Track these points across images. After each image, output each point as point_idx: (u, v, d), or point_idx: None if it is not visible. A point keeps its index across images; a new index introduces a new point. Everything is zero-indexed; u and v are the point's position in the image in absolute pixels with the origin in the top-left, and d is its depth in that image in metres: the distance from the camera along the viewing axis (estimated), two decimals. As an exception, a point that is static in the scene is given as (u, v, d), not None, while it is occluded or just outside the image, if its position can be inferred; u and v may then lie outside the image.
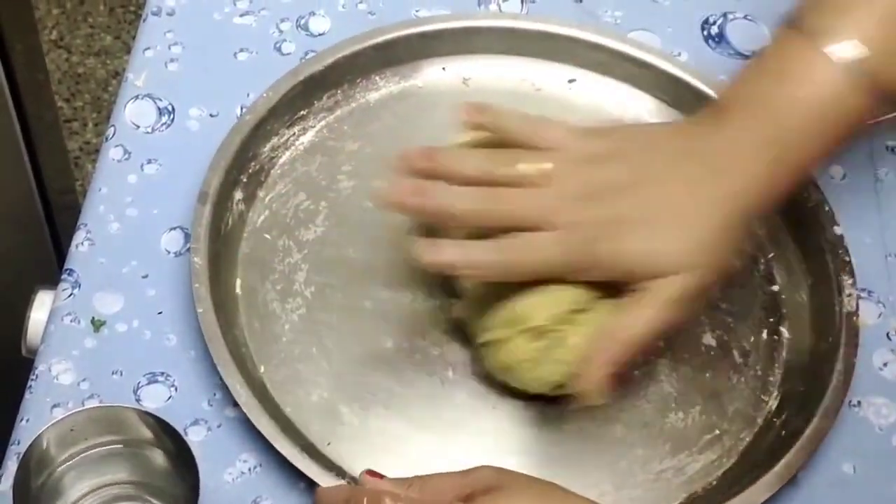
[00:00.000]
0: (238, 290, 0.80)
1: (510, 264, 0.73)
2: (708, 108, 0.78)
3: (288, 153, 0.86)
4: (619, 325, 0.72)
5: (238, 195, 0.82)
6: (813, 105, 0.73)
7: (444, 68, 0.90)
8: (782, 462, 0.73)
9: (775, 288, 0.82)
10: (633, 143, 0.76)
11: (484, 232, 0.74)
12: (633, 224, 0.73)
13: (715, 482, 0.75)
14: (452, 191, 0.74)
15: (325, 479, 0.71)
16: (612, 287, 0.73)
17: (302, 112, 0.86)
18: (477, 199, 0.74)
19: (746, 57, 0.93)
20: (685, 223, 0.73)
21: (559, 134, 0.76)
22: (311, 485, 0.72)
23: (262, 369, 0.78)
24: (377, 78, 0.89)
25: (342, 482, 0.71)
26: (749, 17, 0.95)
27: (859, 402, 0.78)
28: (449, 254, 0.73)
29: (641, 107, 0.89)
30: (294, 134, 0.86)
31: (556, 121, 0.78)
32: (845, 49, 0.72)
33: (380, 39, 0.88)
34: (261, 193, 0.84)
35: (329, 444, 0.75)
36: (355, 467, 0.73)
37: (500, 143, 0.76)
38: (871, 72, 0.73)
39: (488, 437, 0.76)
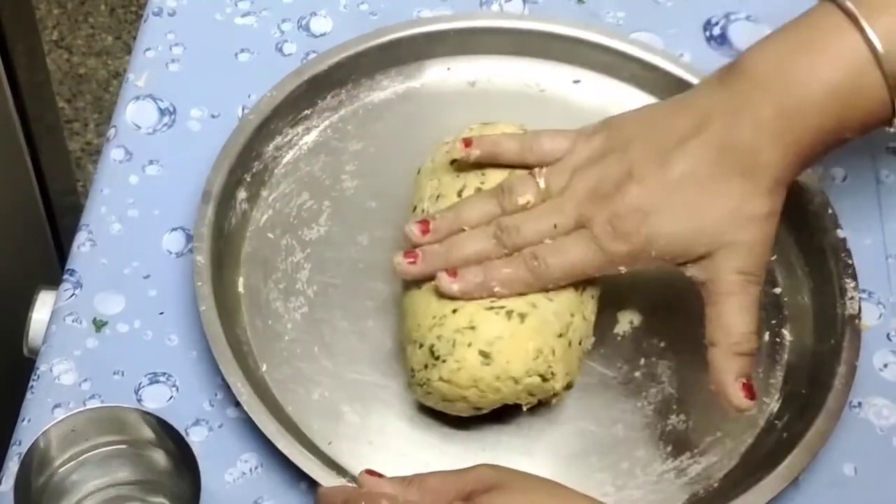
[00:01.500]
0: (240, 289, 0.80)
1: (545, 273, 0.73)
2: (721, 72, 0.75)
3: (292, 153, 0.86)
4: (722, 331, 0.72)
5: (241, 194, 0.82)
6: (833, 82, 0.71)
7: (448, 68, 0.90)
8: (784, 464, 0.73)
9: (777, 290, 0.82)
10: (628, 133, 0.75)
11: None
12: (655, 210, 0.72)
13: (716, 484, 0.75)
14: (459, 239, 0.74)
15: (326, 479, 0.71)
16: None
17: (306, 111, 0.86)
18: (487, 238, 0.74)
19: (748, 59, 0.93)
20: (701, 205, 0.72)
21: (550, 146, 0.76)
22: (312, 485, 0.72)
23: (263, 368, 0.78)
24: (381, 78, 0.89)
25: (343, 481, 0.71)
26: (751, 18, 0.95)
27: (860, 404, 0.78)
28: (472, 279, 0.73)
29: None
30: (298, 133, 0.86)
31: (547, 131, 0.77)
32: (879, 32, 0.70)
33: (384, 39, 0.88)
34: (264, 193, 0.84)
35: (330, 443, 0.75)
36: (356, 466, 0.72)
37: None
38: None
39: (489, 437, 0.76)
